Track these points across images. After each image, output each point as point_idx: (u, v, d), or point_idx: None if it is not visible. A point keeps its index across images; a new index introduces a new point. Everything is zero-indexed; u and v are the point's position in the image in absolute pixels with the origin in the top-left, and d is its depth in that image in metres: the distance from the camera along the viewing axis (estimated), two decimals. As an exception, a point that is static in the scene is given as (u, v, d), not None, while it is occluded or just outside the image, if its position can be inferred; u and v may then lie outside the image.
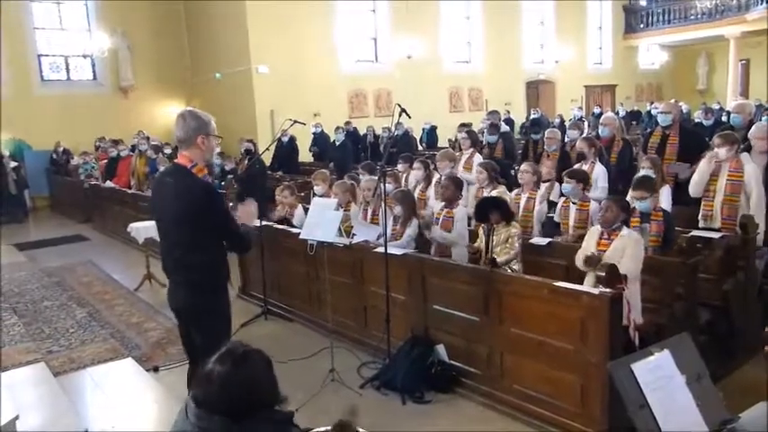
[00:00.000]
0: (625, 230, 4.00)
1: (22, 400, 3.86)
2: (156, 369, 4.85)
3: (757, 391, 2.03)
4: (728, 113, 10.04)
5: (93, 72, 15.61)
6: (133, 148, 11.44)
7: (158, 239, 3.37)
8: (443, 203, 5.18)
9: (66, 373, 4.83)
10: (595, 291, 3.41)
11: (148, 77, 15.78)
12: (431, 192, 6.27)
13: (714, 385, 2.06)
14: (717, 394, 2.03)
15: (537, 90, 21.21)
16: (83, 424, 3.79)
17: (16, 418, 3.37)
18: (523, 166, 5.69)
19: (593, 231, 4.18)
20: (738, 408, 2.03)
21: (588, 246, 4.10)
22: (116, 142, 12.02)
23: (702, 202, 5.14)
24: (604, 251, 3.93)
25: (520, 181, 5.63)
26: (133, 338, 5.58)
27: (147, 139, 10.86)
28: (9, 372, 4.48)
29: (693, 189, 5.16)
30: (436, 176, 6.33)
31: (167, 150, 11.29)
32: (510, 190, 5.78)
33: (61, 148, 14.04)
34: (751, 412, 1.99)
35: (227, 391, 1.84)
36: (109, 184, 11.01)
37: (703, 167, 5.07)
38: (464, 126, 9.72)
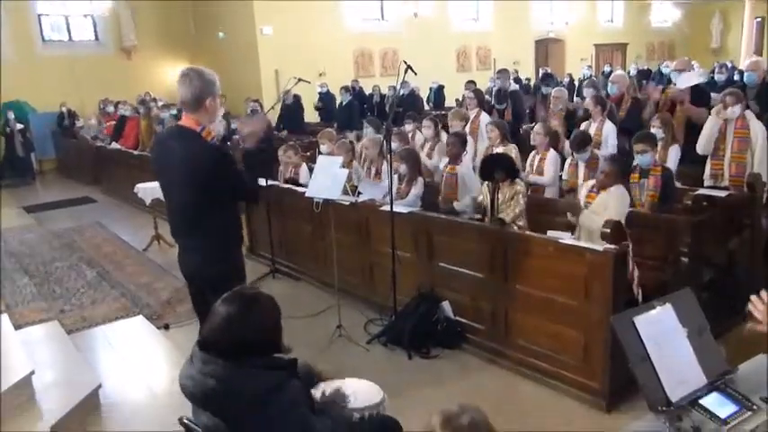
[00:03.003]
0: (613, 187, 4.08)
1: (38, 356, 3.97)
2: (166, 327, 4.95)
3: (758, 345, 2.05)
4: (741, 72, 9.88)
5: (95, 32, 15.38)
6: (137, 110, 11.39)
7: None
8: (448, 160, 5.16)
9: (78, 331, 4.93)
10: (599, 247, 3.42)
11: (151, 37, 15.53)
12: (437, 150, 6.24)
13: (715, 340, 2.09)
14: (717, 347, 2.05)
15: (546, 49, 20.80)
16: (96, 379, 3.91)
17: (32, 372, 3.48)
18: (536, 128, 5.66)
19: (588, 184, 4.37)
20: (739, 361, 2.06)
21: (579, 196, 4.36)
22: (118, 104, 11.94)
23: (711, 161, 5.11)
24: (591, 203, 4.15)
25: (533, 142, 5.59)
26: (143, 297, 5.66)
27: (154, 99, 10.76)
28: (23, 330, 4.59)
29: (703, 147, 5.12)
30: (444, 136, 6.29)
31: (173, 111, 11.23)
32: (521, 150, 5.78)
33: (66, 109, 13.96)
34: (750, 364, 2.03)
35: (233, 331, 1.85)
36: (114, 145, 11.01)
37: (712, 123, 5.04)
38: (471, 83, 9.58)
